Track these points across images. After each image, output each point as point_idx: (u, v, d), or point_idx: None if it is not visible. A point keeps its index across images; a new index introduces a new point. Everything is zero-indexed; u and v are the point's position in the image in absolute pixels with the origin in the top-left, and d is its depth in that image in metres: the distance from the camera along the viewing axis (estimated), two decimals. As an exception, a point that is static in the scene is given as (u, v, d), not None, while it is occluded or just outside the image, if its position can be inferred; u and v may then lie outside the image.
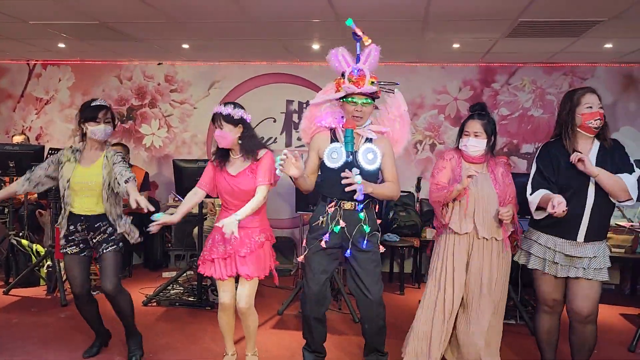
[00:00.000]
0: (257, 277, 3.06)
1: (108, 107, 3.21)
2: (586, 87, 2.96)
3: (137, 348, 3.39)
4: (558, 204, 2.69)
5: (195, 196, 3.14)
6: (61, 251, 3.25)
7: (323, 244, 2.96)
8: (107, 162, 3.19)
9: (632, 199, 2.80)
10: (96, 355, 3.42)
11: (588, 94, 2.86)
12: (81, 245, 3.22)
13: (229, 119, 2.97)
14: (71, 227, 3.19)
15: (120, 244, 3.27)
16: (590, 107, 2.82)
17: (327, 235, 2.95)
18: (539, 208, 2.92)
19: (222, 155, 3.09)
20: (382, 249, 3.08)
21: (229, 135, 2.99)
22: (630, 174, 2.81)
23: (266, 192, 3.02)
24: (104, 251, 3.18)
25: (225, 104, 3.03)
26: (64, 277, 4.65)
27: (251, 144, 3.04)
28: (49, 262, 4.82)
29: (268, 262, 3.13)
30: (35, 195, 5.55)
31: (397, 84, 3.03)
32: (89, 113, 3.15)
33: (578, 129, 2.87)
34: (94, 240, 3.20)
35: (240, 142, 3.03)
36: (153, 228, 2.92)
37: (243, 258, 3.03)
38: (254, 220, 3.06)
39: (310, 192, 3.06)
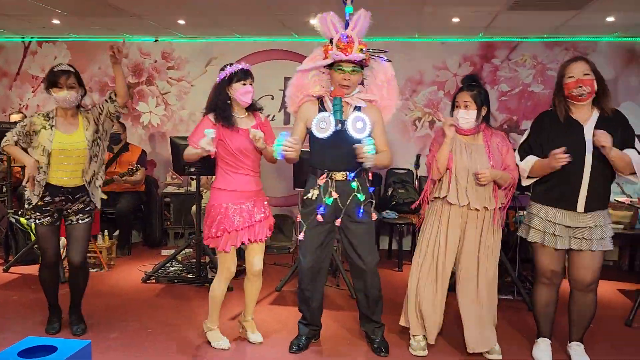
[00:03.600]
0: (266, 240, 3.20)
1: (72, 72, 3.12)
2: (575, 56, 2.97)
3: (82, 321, 3.44)
4: (559, 155, 2.72)
5: None
6: (34, 222, 3.19)
7: (319, 217, 2.95)
8: (88, 123, 3.19)
9: (635, 173, 2.80)
10: (60, 331, 3.43)
11: (572, 63, 2.87)
12: (55, 215, 3.21)
13: (252, 76, 3.08)
14: (47, 198, 3.15)
15: (92, 214, 3.29)
16: (572, 77, 2.83)
17: (323, 208, 2.94)
18: (530, 177, 2.97)
19: (227, 113, 3.04)
20: (374, 216, 3.08)
21: (253, 92, 3.07)
22: (634, 148, 2.81)
23: None
24: (79, 221, 3.20)
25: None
26: (63, 255, 4.67)
27: (255, 102, 3.18)
28: (47, 240, 4.83)
29: (272, 222, 3.25)
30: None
31: (386, 51, 2.98)
32: (50, 78, 3.10)
33: (568, 99, 2.88)
34: (69, 210, 3.20)
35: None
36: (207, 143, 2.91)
37: (259, 223, 3.10)
38: (261, 189, 3.18)
39: (295, 162, 3.00)
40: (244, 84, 3.02)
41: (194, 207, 5.13)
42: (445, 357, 3.17)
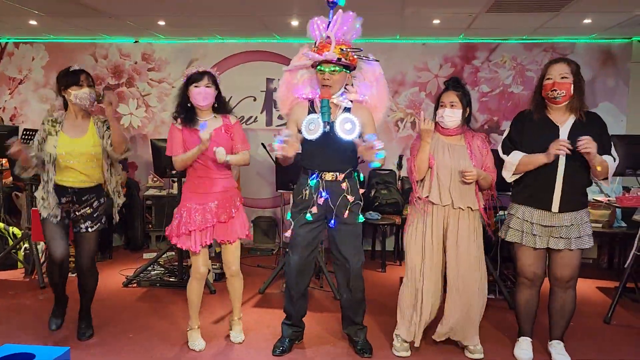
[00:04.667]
0: (239, 239, 3.19)
1: (87, 72, 3.18)
2: (558, 58, 3.00)
3: (90, 327, 3.40)
4: (561, 144, 2.76)
5: None
6: (45, 215, 3.14)
7: (316, 208, 2.98)
8: (99, 130, 3.17)
9: (607, 178, 2.87)
10: (61, 327, 3.39)
11: (553, 65, 2.90)
12: (63, 215, 3.17)
13: (214, 79, 3.12)
14: (62, 199, 3.13)
15: (104, 219, 3.25)
16: (550, 79, 2.87)
17: (315, 207, 2.96)
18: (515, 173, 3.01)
19: (188, 116, 3.10)
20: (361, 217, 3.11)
21: (212, 95, 3.09)
22: (610, 154, 2.86)
23: (249, 155, 3.17)
24: (88, 229, 3.17)
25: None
26: (42, 260, 4.60)
27: (224, 106, 3.20)
28: (26, 245, 4.75)
29: (247, 223, 3.24)
30: (11, 178, 5.44)
31: (360, 49, 2.99)
32: (70, 78, 3.10)
33: (545, 100, 2.92)
34: (77, 213, 3.16)
35: (216, 103, 3.14)
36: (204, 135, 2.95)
37: (224, 224, 3.11)
38: (233, 187, 3.18)
39: (290, 162, 3.00)
40: (197, 86, 3.04)
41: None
42: (429, 357, 3.19)
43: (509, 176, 3.03)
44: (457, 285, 3.05)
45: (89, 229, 3.17)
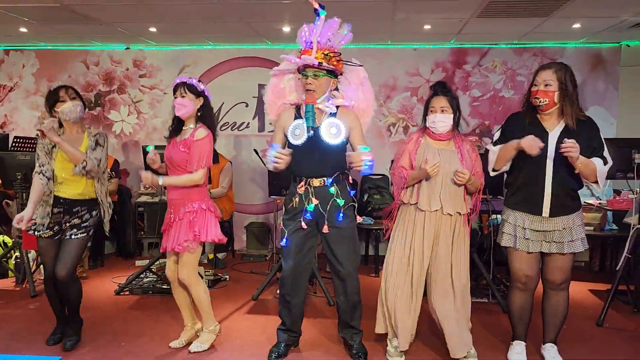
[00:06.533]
0: (188, 247, 3.09)
1: (68, 86, 3.21)
2: (547, 63, 3.00)
3: (75, 334, 3.36)
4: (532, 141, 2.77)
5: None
6: (35, 234, 3.18)
7: (303, 225, 2.97)
8: (90, 144, 3.18)
9: (597, 182, 2.87)
10: (59, 342, 3.35)
11: (540, 71, 2.91)
12: (55, 229, 3.18)
13: (192, 89, 3.11)
14: (54, 209, 3.16)
15: (91, 231, 3.24)
16: (535, 86, 2.88)
17: (309, 214, 2.97)
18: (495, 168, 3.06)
19: (177, 127, 3.20)
20: (359, 219, 3.13)
21: (190, 105, 3.10)
22: (601, 157, 2.86)
23: (201, 175, 3.09)
24: (72, 236, 3.16)
25: (189, 78, 3.19)
26: (33, 268, 4.56)
27: (208, 116, 3.18)
28: (17, 254, 4.71)
29: (189, 233, 3.08)
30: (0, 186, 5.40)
31: (339, 53, 2.99)
32: (52, 96, 3.16)
33: (532, 106, 2.94)
34: (67, 224, 3.16)
35: (199, 113, 3.14)
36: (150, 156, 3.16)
37: (171, 229, 3.14)
38: (190, 193, 3.12)
39: (283, 170, 3.03)
40: (175, 97, 3.13)
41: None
42: (422, 362, 3.19)
43: (490, 168, 3.07)
44: (444, 293, 3.07)
45: (72, 236, 3.16)
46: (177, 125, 3.20)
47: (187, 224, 3.09)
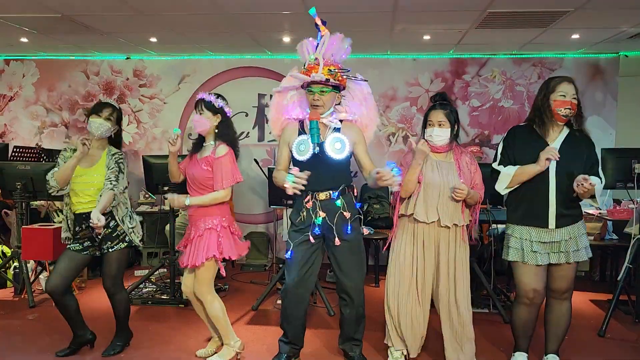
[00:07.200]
0: (203, 264, 3.09)
1: (116, 108, 3.26)
2: (565, 76, 2.99)
3: (119, 343, 3.41)
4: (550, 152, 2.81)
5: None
6: (68, 248, 3.21)
7: (312, 239, 2.97)
8: (108, 162, 3.20)
9: (594, 197, 2.90)
10: (70, 355, 3.33)
11: (565, 82, 2.91)
12: (85, 244, 3.18)
13: (209, 106, 3.13)
14: (77, 228, 3.19)
15: (127, 238, 3.25)
16: (564, 96, 2.87)
17: (317, 228, 2.96)
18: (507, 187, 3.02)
19: (198, 143, 3.24)
20: (365, 231, 3.11)
21: (207, 122, 3.13)
22: (597, 175, 2.90)
23: (225, 193, 3.11)
24: (109, 250, 3.18)
25: (209, 93, 3.23)
26: (32, 279, 4.54)
27: (225, 133, 3.17)
28: (15, 264, 4.69)
29: (207, 250, 3.09)
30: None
31: (348, 70, 3.01)
32: (95, 106, 3.23)
33: (550, 116, 2.92)
34: (99, 237, 3.17)
35: (216, 130, 3.15)
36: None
37: (190, 244, 3.14)
38: (211, 208, 3.13)
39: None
40: (196, 113, 3.15)
41: (167, 227, 5.05)
42: (424, 373, 3.17)
43: (502, 188, 3.02)
44: (446, 304, 3.07)
45: (110, 249, 3.18)
46: (199, 140, 3.24)
47: (205, 241, 3.10)
